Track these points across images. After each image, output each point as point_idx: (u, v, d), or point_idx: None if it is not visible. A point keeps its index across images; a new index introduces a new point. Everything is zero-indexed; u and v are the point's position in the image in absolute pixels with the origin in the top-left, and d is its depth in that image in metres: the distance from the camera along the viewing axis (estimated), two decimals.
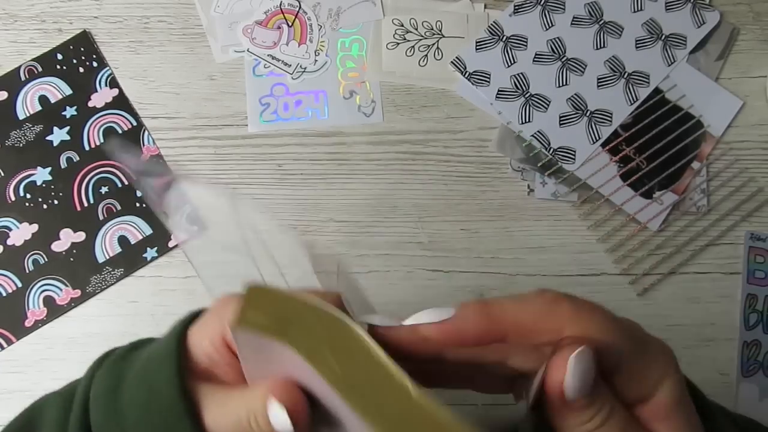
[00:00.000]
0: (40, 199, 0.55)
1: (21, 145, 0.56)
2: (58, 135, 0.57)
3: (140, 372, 0.28)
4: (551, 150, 0.57)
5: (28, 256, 0.54)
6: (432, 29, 0.60)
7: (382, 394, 0.22)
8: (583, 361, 0.22)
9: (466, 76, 0.59)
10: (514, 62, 0.59)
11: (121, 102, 0.58)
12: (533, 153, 0.57)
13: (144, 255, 0.55)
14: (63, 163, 0.56)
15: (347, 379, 0.22)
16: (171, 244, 0.55)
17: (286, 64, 0.59)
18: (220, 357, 0.28)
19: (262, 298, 0.24)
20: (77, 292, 0.54)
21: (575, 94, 0.58)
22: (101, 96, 0.58)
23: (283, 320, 0.23)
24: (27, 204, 0.55)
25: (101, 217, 0.55)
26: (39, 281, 0.54)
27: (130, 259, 0.55)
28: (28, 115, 0.57)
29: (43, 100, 0.57)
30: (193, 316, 0.30)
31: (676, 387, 0.24)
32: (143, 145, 0.57)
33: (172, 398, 0.26)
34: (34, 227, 0.55)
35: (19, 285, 0.54)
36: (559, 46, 0.59)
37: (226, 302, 0.28)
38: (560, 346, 0.23)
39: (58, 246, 0.55)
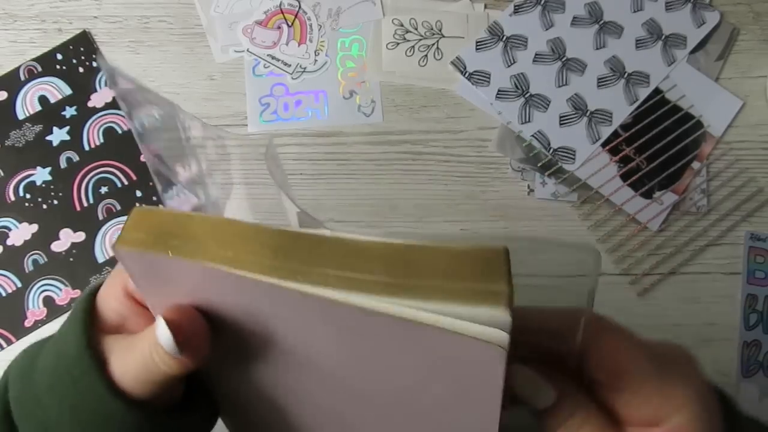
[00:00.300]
0: (39, 199, 0.55)
1: (21, 145, 0.56)
2: (58, 135, 0.57)
3: (52, 343, 0.28)
4: (551, 150, 0.57)
5: (27, 256, 0.54)
6: (432, 29, 0.60)
7: (274, 250, 0.21)
8: (525, 371, 0.24)
9: (466, 76, 0.59)
10: (514, 62, 0.59)
11: None
12: (533, 153, 0.57)
13: None
14: (63, 163, 0.56)
15: (239, 258, 0.21)
16: None
17: (286, 64, 0.59)
18: (127, 309, 0.28)
19: (146, 218, 0.23)
20: (77, 292, 0.54)
21: (575, 94, 0.58)
22: (101, 96, 0.58)
23: (164, 234, 0.22)
24: (27, 204, 0.55)
25: (101, 217, 0.55)
26: (39, 281, 0.54)
27: None
28: (27, 115, 0.57)
29: (42, 100, 0.57)
30: (100, 285, 0.30)
31: (693, 420, 0.24)
32: None
33: (77, 353, 0.26)
34: (34, 227, 0.55)
35: (19, 285, 0.54)
36: (559, 46, 0.59)
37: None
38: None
39: (58, 246, 0.55)
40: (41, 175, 0.56)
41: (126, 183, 0.56)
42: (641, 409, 0.24)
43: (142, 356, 0.25)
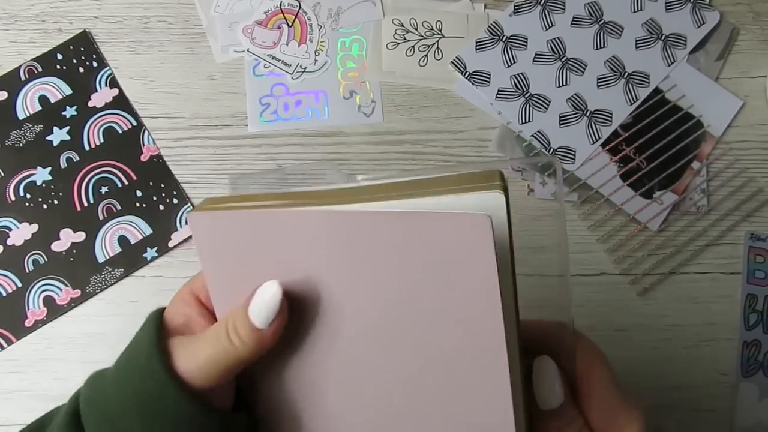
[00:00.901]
0: (40, 199, 0.55)
1: (21, 145, 0.56)
2: (58, 135, 0.57)
3: (123, 353, 0.30)
4: (551, 150, 0.57)
5: (28, 256, 0.54)
6: (432, 29, 0.60)
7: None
8: (549, 369, 0.27)
9: (466, 76, 0.59)
10: (514, 62, 0.59)
11: (121, 102, 0.58)
12: (533, 153, 0.57)
13: (144, 255, 0.55)
14: (63, 163, 0.56)
15: (279, 204, 0.26)
16: (171, 244, 0.55)
17: (286, 64, 0.59)
18: (192, 309, 0.30)
19: (215, 200, 0.28)
20: (77, 292, 0.54)
21: (575, 94, 0.58)
22: (101, 96, 0.58)
23: (230, 203, 0.27)
24: (27, 204, 0.55)
25: (101, 217, 0.55)
26: (39, 281, 0.54)
27: (130, 259, 0.55)
28: (28, 115, 0.57)
29: (43, 100, 0.57)
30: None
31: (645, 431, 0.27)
32: (143, 145, 0.57)
33: (147, 348, 0.28)
34: (34, 227, 0.55)
35: (19, 285, 0.54)
36: (559, 46, 0.59)
37: (195, 277, 0.32)
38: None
39: (58, 246, 0.55)
40: (41, 175, 0.56)
41: (126, 183, 0.56)
42: (603, 412, 0.28)
43: (214, 340, 0.27)
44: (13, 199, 0.55)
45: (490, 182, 0.22)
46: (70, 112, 0.57)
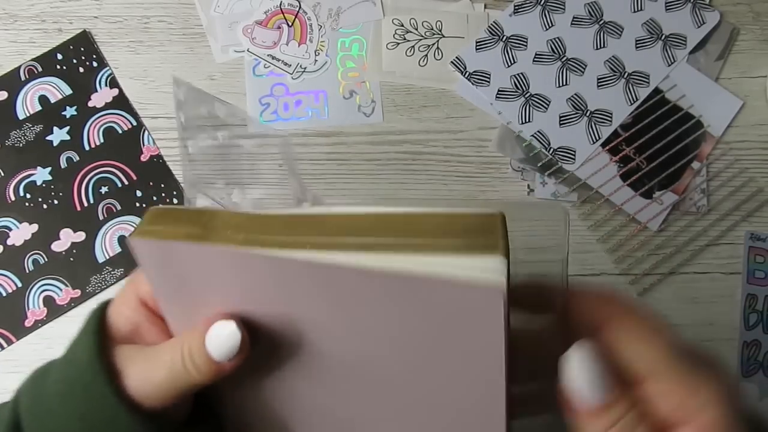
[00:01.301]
0: (40, 199, 0.55)
1: (21, 145, 0.56)
2: (58, 135, 0.57)
3: (64, 354, 0.28)
4: (551, 150, 0.57)
5: (28, 256, 0.54)
6: (432, 29, 0.60)
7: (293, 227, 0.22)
8: (586, 359, 0.21)
9: (466, 76, 0.59)
10: (514, 62, 0.59)
11: (121, 102, 0.58)
12: (533, 153, 0.57)
13: None
14: (63, 163, 0.56)
15: (249, 239, 0.22)
16: None
17: (286, 64, 0.59)
18: (140, 316, 0.28)
19: (161, 214, 0.24)
20: (77, 292, 0.54)
21: (575, 94, 0.58)
22: (101, 96, 0.58)
23: (180, 224, 0.23)
24: (27, 204, 0.55)
25: (101, 217, 0.55)
26: (39, 281, 0.54)
27: (131, 259, 0.54)
28: (28, 115, 0.57)
29: (43, 100, 0.57)
30: (110, 300, 0.30)
31: (721, 418, 0.22)
32: (143, 145, 0.57)
33: (88, 362, 0.26)
34: (34, 227, 0.55)
35: (19, 285, 0.54)
36: (559, 46, 0.59)
37: (138, 273, 0.29)
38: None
39: (58, 246, 0.55)
40: (41, 175, 0.56)
41: (126, 183, 0.56)
42: (664, 402, 0.22)
43: (169, 365, 0.25)
44: (13, 199, 0.55)
45: (491, 241, 0.20)
46: (70, 112, 0.57)
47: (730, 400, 0.22)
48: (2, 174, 0.56)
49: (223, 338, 0.24)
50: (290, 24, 0.60)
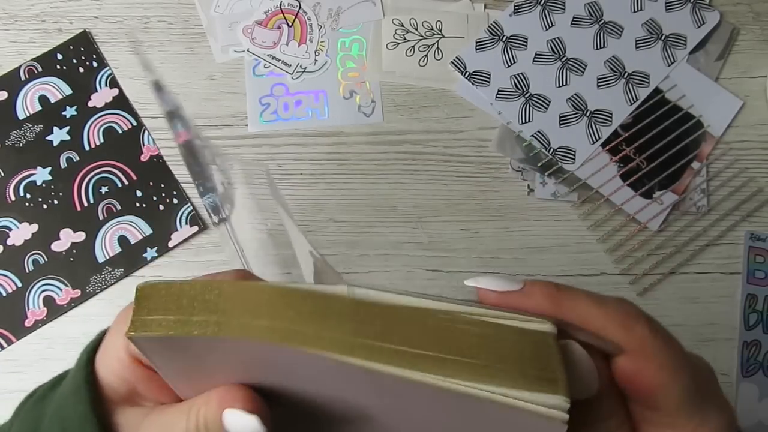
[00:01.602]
0: (40, 199, 0.55)
1: (21, 145, 0.56)
2: (58, 135, 0.57)
3: (54, 412, 0.25)
4: (551, 150, 0.57)
5: (28, 256, 0.54)
6: (432, 29, 0.60)
7: (322, 319, 0.20)
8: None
9: (466, 76, 0.59)
10: (514, 62, 0.59)
11: (121, 102, 0.58)
12: (533, 153, 0.57)
13: (144, 255, 0.55)
14: (63, 163, 0.56)
15: (281, 327, 0.19)
16: (171, 244, 0.55)
17: (286, 64, 0.59)
18: (133, 375, 0.25)
19: (156, 294, 0.21)
20: (77, 292, 0.54)
21: (575, 94, 0.58)
22: (101, 96, 0.58)
23: (184, 310, 0.20)
24: (27, 204, 0.55)
25: (101, 217, 0.55)
26: (39, 281, 0.54)
27: (130, 259, 0.55)
28: (28, 115, 0.57)
29: (43, 100, 0.57)
30: (99, 340, 0.27)
31: None
32: (143, 145, 0.57)
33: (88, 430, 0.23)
34: (34, 227, 0.55)
35: (19, 285, 0.54)
36: (559, 46, 0.59)
37: (125, 314, 0.25)
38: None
39: (58, 246, 0.55)
40: (41, 175, 0.56)
41: (126, 183, 0.56)
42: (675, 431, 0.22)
43: None
44: (13, 199, 0.55)
45: (554, 374, 0.20)
46: (70, 112, 0.57)
47: (732, 428, 0.22)
48: (2, 174, 0.56)
49: (242, 425, 0.21)
50: (290, 24, 0.60)
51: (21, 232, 0.55)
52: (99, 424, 0.23)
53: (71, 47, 0.59)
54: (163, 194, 0.56)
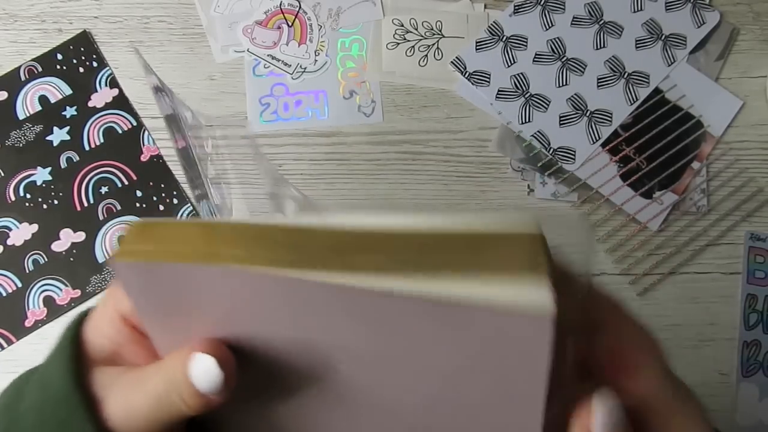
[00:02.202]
0: (40, 199, 0.55)
1: (21, 145, 0.56)
2: (58, 135, 0.57)
3: (38, 376, 0.26)
4: (551, 150, 0.57)
5: (28, 256, 0.54)
6: (432, 29, 0.60)
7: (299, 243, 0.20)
8: (613, 416, 0.20)
9: (466, 76, 0.59)
10: (514, 62, 0.59)
11: (121, 102, 0.58)
12: (533, 153, 0.57)
13: None
14: (63, 163, 0.56)
15: (252, 255, 0.19)
16: None
17: (286, 64, 0.59)
18: (121, 335, 0.25)
19: (147, 230, 0.21)
20: (77, 292, 0.54)
21: (575, 94, 0.58)
22: (101, 96, 0.58)
23: (168, 242, 0.21)
24: (27, 204, 0.55)
25: (101, 217, 0.55)
26: (39, 281, 0.54)
27: None
28: (28, 115, 0.57)
29: (43, 100, 0.57)
30: (86, 314, 0.27)
31: None
32: (143, 145, 0.57)
33: (65, 393, 0.24)
34: (34, 227, 0.55)
35: (19, 285, 0.54)
36: (559, 46, 0.59)
37: (117, 286, 0.26)
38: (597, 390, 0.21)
39: (58, 246, 0.55)
40: (41, 175, 0.56)
41: (126, 183, 0.56)
42: (658, 425, 0.22)
43: (154, 394, 0.23)
44: (13, 199, 0.55)
45: (533, 270, 0.18)
46: (70, 112, 0.57)
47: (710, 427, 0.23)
48: (2, 174, 0.56)
49: (204, 371, 0.22)
50: (290, 24, 0.60)
51: (21, 232, 0.55)
52: (74, 378, 0.24)
53: (71, 47, 0.59)
54: (163, 194, 0.56)
